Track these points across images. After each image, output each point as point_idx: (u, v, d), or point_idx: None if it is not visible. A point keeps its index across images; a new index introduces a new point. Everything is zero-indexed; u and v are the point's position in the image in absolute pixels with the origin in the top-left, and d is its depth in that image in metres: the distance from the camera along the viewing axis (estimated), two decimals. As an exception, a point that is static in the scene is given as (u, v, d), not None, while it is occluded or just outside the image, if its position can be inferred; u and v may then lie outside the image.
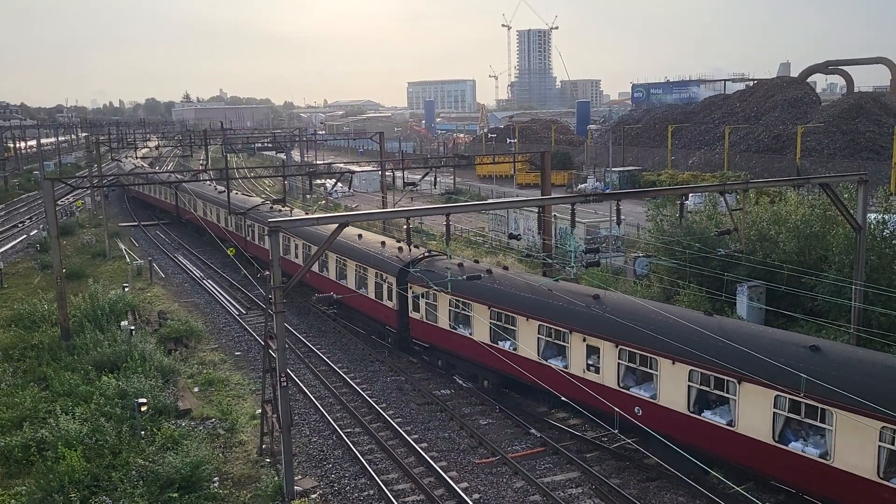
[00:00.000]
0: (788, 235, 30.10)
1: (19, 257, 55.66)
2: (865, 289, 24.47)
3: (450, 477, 20.74)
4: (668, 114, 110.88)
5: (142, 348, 29.18)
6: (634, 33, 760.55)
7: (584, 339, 21.88)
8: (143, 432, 22.76)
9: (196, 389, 28.03)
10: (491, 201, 53.72)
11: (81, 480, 19.60)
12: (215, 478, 20.97)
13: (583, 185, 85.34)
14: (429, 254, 31.02)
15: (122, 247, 57.36)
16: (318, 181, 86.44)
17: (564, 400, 22.06)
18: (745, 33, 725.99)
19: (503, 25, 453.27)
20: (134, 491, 19.12)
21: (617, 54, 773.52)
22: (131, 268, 48.99)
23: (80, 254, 54.72)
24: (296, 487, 19.81)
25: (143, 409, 23.24)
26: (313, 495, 20.09)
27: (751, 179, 52.59)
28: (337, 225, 20.19)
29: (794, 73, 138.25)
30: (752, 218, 32.16)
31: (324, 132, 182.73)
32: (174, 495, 19.18)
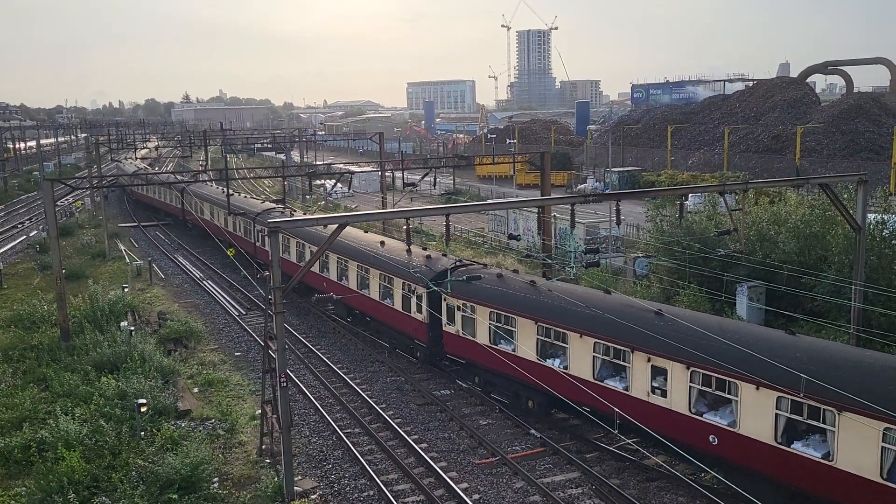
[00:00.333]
0: (788, 236, 30.11)
1: (19, 258, 55.66)
2: (865, 289, 24.48)
3: (450, 477, 20.74)
4: (667, 114, 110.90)
5: (141, 349, 29.17)
6: (634, 33, 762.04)
7: (649, 360, 19.88)
8: (142, 433, 22.75)
9: (196, 390, 28.03)
10: (491, 202, 53.79)
11: (81, 481, 19.61)
12: (215, 478, 20.97)
13: (582, 186, 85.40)
14: (461, 262, 29.11)
15: (122, 247, 57.35)
16: (318, 182, 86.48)
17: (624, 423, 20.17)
18: (745, 33, 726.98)
19: (503, 26, 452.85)
20: (134, 492, 19.11)
21: (616, 54, 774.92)
22: (131, 268, 48.97)
23: (79, 254, 54.72)
24: (296, 488, 19.80)
25: (143, 409, 23.22)
26: (313, 496, 20.08)
27: (750, 180, 52.59)
28: (336, 226, 20.21)
29: (794, 73, 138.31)
30: (752, 218, 32.17)
31: (323, 133, 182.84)
32: (174, 496, 19.17)
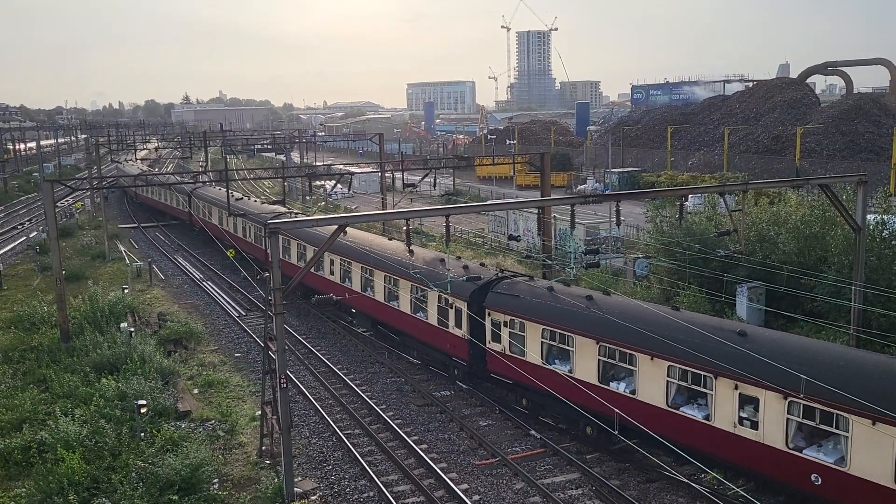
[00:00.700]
0: (788, 236, 30.12)
1: (19, 259, 55.66)
2: (865, 289, 24.50)
3: (450, 478, 20.73)
4: (667, 115, 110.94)
5: (141, 350, 29.15)
6: (634, 34, 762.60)
7: (736, 387, 17.92)
8: (142, 434, 22.74)
9: (196, 391, 28.01)
10: (491, 202, 53.77)
11: (81, 482, 19.60)
12: (215, 479, 20.95)
13: (582, 187, 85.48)
14: (503, 273, 26.97)
15: (122, 248, 57.37)
16: (318, 182, 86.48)
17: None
18: (745, 33, 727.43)
19: (503, 27, 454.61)
20: (134, 493, 19.10)
21: (616, 55, 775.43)
22: (131, 269, 48.97)
23: (79, 255, 54.71)
24: (296, 489, 19.79)
25: (143, 410, 23.22)
26: (313, 497, 20.08)
27: (750, 180, 52.60)
28: (336, 227, 20.21)
29: (794, 74, 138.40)
30: (752, 219, 32.17)
31: (323, 133, 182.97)
32: (174, 497, 19.15)
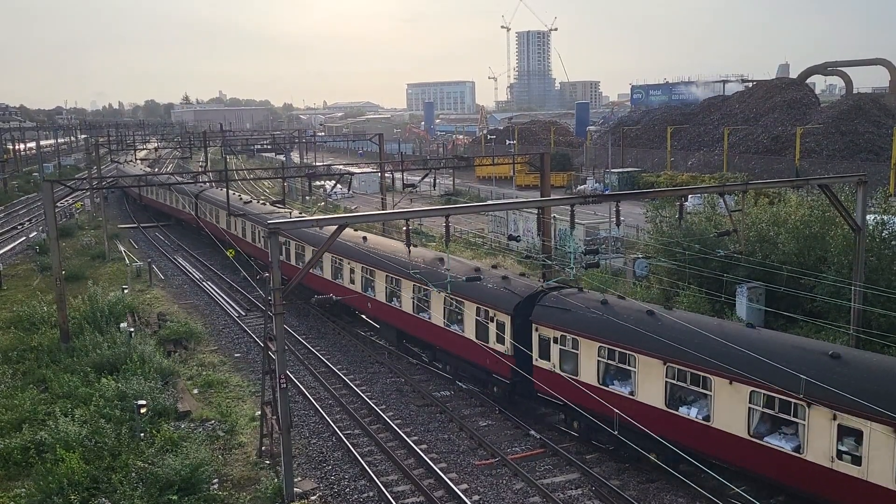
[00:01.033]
0: (788, 236, 30.13)
1: (19, 259, 55.66)
2: (865, 290, 24.49)
3: (449, 478, 20.73)
4: (667, 115, 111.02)
5: (141, 350, 29.16)
6: (634, 34, 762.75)
7: (835, 418, 16.23)
8: (142, 434, 22.73)
9: (196, 391, 28.01)
10: (490, 203, 53.74)
11: (81, 482, 19.60)
12: (215, 479, 20.95)
13: (582, 187, 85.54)
14: (549, 284, 25.36)
15: (122, 248, 57.37)
16: (318, 183, 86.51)
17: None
18: (745, 33, 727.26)
19: (502, 27, 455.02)
20: (133, 493, 19.09)
21: (616, 55, 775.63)
22: (131, 269, 48.99)
23: (79, 256, 54.73)
24: (295, 489, 19.79)
25: (143, 410, 23.21)
26: (313, 497, 20.08)
27: (750, 181, 52.61)
28: (336, 226, 20.22)
29: (793, 74, 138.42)
30: (752, 219, 32.18)
31: (323, 134, 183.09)
32: (174, 497, 19.15)
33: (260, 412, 23.37)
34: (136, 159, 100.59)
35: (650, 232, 38.62)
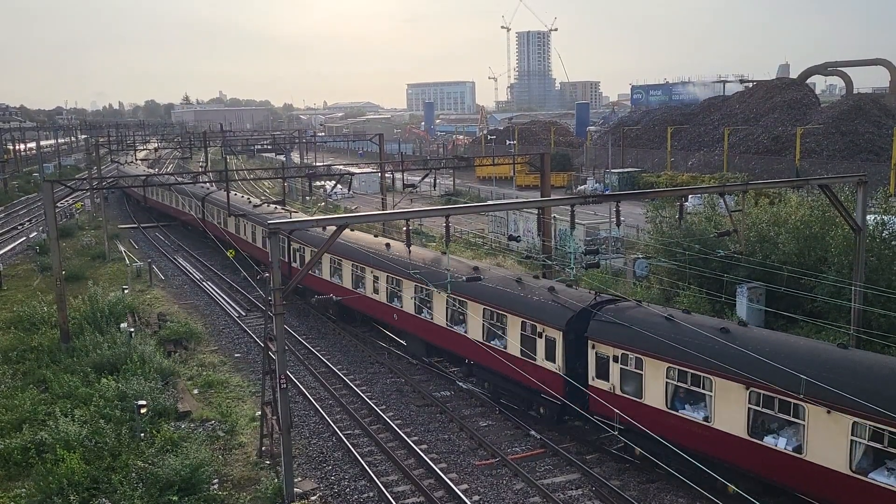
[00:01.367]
0: (788, 237, 30.12)
1: (19, 259, 55.67)
2: (865, 290, 24.50)
3: (450, 479, 20.73)
4: (667, 115, 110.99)
5: (141, 350, 29.17)
6: (634, 34, 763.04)
7: None
8: (142, 434, 22.74)
9: (196, 391, 28.01)
10: (491, 203, 53.73)
11: (81, 483, 19.60)
12: (215, 480, 20.95)
13: (582, 187, 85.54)
14: (603, 297, 23.33)
15: (122, 249, 57.37)
16: (318, 183, 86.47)
17: None
18: (745, 33, 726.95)
19: (502, 27, 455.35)
20: (133, 493, 19.09)
21: (616, 55, 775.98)
22: (131, 270, 48.99)
23: (79, 256, 54.73)
24: (295, 489, 19.79)
25: (143, 411, 23.21)
26: (313, 497, 20.08)
27: (750, 181, 52.62)
28: (336, 226, 20.22)
29: (794, 74, 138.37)
30: (752, 219, 32.18)
31: (323, 134, 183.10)
32: (174, 497, 19.15)
33: (260, 412, 23.37)
34: (137, 160, 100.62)
35: (650, 232, 38.62)
